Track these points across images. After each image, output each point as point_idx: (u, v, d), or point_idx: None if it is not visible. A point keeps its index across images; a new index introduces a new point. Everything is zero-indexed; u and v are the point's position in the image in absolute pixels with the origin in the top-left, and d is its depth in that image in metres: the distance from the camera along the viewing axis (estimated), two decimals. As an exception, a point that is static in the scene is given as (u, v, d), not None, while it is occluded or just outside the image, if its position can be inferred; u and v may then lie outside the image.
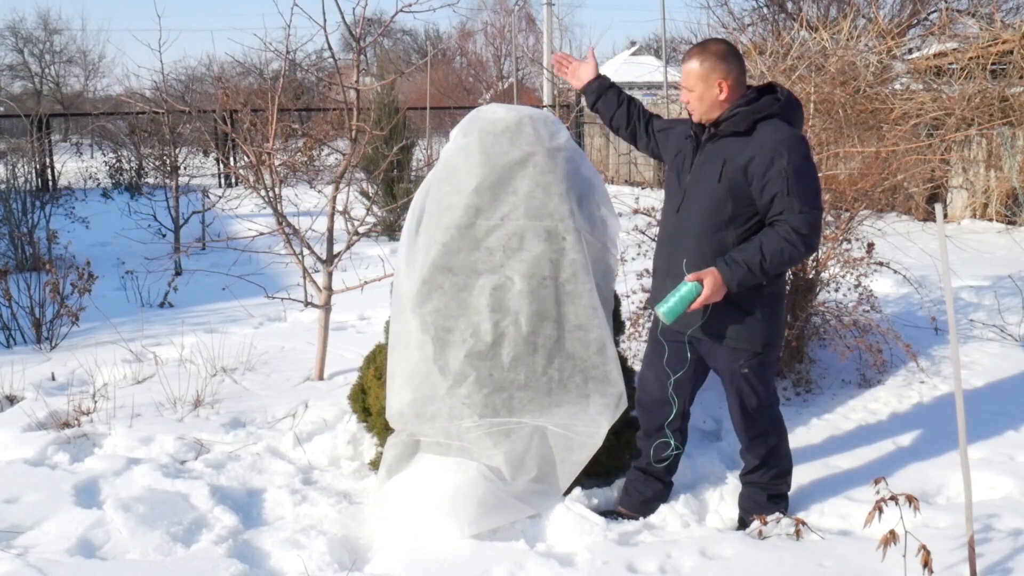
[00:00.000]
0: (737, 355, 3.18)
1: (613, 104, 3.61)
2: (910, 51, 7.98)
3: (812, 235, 2.99)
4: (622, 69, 36.28)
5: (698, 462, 3.86)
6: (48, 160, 13.88)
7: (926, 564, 2.59)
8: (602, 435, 3.39)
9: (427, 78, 11.85)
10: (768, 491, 3.34)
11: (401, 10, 4.85)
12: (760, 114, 3.06)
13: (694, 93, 3.13)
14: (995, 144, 9.84)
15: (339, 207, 5.08)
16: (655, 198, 5.44)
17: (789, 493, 3.43)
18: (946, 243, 2.83)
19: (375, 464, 3.77)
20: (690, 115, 3.24)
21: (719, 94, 3.09)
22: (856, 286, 4.89)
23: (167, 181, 9.89)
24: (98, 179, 14.49)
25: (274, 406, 4.54)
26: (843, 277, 4.93)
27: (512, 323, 3.39)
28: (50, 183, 13.70)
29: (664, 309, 3.07)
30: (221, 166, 14.74)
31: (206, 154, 12.78)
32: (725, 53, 3.11)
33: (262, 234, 5.34)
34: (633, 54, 40.45)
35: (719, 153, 3.11)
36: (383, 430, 3.70)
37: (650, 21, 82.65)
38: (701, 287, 3.02)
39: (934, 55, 7.86)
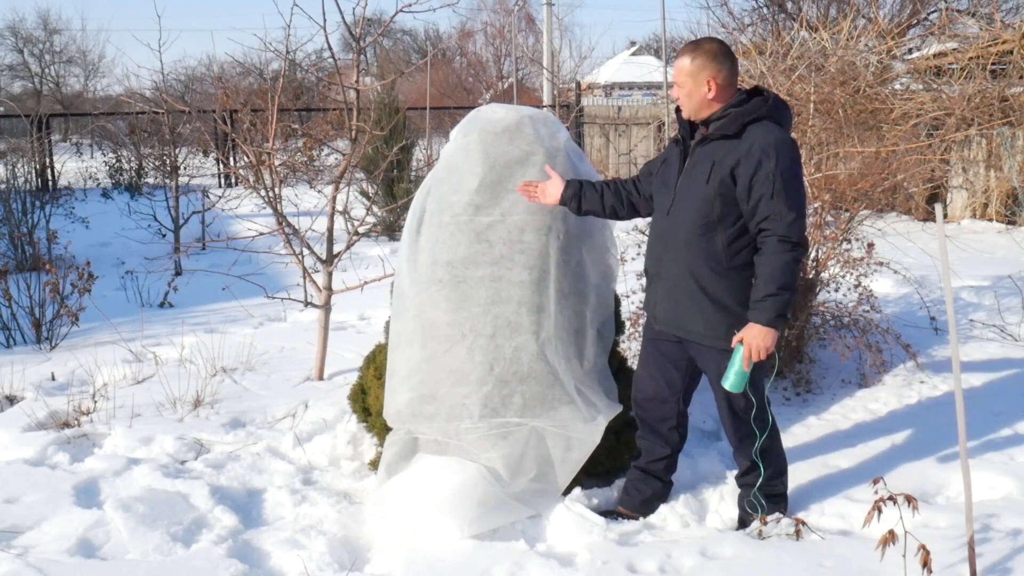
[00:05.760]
0: (725, 357, 3.18)
1: (597, 198, 3.44)
2: (910, 51, 7.97)
3: (802, 240, 3.03)
4: (622, 69, 36.34)
5: (698, 462, 3.87)
6: (48, 160, 13.88)
7: (925, 564, 2.59)
8: (600, 432, 3.39)
9: (427, 78, 11.84)
10: (764, 491, 3.34)
11: (401, 10, 4.86)
12: (749, 116, 3.06)
13: (683, 89, 3.14)
14: (995, 144, 9.84)
15: (339, 207, 5.08)
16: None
17: (788, 493, 3.43)
18: (946, 243, 2.83)
19: (375, 464, 3.77)
20: (678, 112, 3.25)
21: (707, 92, 3.10)
22: (856, 286, 4.89)
23: (167, 181, 9.90)
24: (98, 179, 14.49)
25: (274, 406, 4.55)
26: (843, 277, 4.93)
27: (514, 313, 3.38)
28: (50, 183, 13.70)
29: (728, 384, 3.09)
30: (221, 166, 14.73)
31: (206, 154, 12.79)
32: (717, 52, 3.11)
33: (262, 234, 5.34)
34: (633, 54, 40.49)
35: (708, 156, 3.12)
36: (383, 430, 3.70)
37: (650, 21, 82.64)
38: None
39: (934, 55, 7.86)
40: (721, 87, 3.10)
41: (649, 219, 3.58)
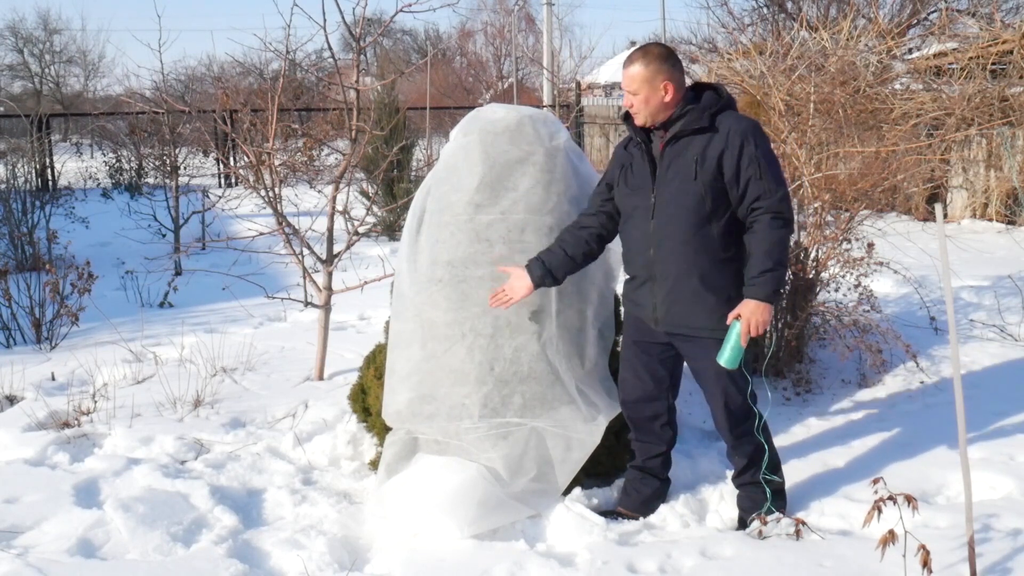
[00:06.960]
0: None
1: (565, 260, 3.32)
2: (910, 51, 7.98)
3: (790, 213, 3.13)
4: (622, 69, 36.29)
5: (698, 462, 3.86)
6: (48, 160, 13.87)
7: (925, 564, 2.59)
8: (600, 432, 3.39)
9: (427, 78, 11.83)
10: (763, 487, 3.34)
11: (401, 10, 4.86)
12: (715, 108, 3.14)
13: (639, 96, 3.17)
14: (995, 144, 9.84)
15: (339, 207, 5.08)
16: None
17: (787, 493, 3.43)
18: (946, 243, 2.84)
19: (375, 464, 3.77)
20: (629, 120, 3.26)
21: (664, 96, 3.15)
22: (856, 286, 4.89)
23: (167, 181, 9.89)
24: (98, 179, 14.48)
25: (274, 406, 4.54)
26: (843, 277, 4.93)
27: (514, 313, 3.38)
28: (50, 183, 13.70)
29: (724, 360, 3.09)
30: (221, 166, 14.73)
31: (206, 154, 12.79)
32: (667, 56, 3.18)
33: (262, 234, 5.34)
34: (633, 54, 40.39)
35: (686, 152, 3.14)
36: (383, 430, 3.70)
37: (650, 21, 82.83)
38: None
39: (934, 55, 7.87)
40: (676, 88, 3.17)
41: None
